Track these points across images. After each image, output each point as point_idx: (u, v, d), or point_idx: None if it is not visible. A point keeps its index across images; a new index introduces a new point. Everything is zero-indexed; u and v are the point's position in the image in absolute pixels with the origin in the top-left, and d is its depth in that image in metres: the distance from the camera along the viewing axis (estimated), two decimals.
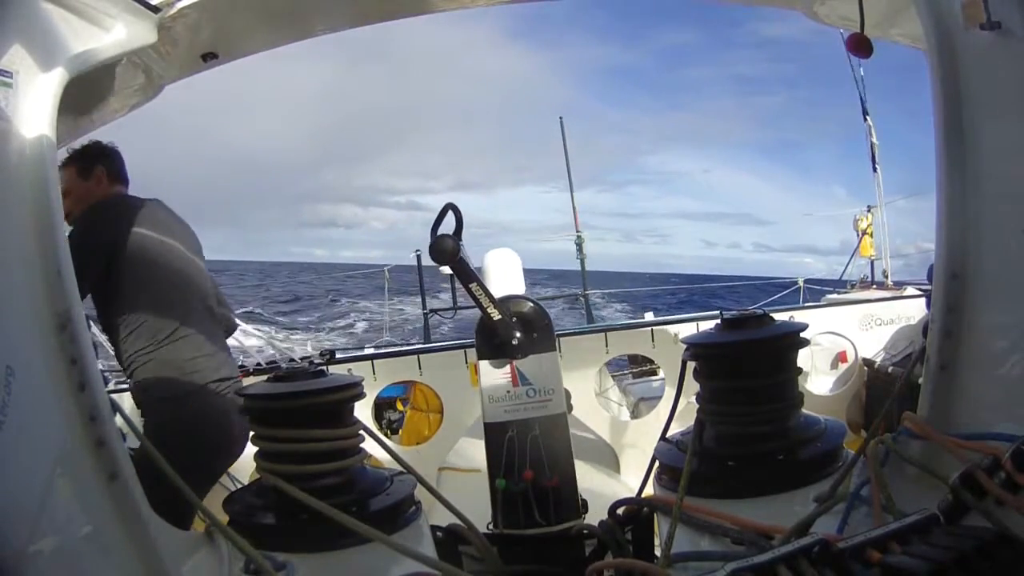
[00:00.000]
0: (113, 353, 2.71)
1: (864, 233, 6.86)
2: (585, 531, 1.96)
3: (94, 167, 2.51)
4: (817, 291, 7.15)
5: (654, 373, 5.75)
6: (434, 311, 6.94)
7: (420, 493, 1.83)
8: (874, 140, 6.40)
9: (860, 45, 1.83)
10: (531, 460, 1.99)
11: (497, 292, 2.07)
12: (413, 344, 6.98)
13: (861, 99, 6.29)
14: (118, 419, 1.54)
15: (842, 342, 4.65)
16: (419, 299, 7.08)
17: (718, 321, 1.89)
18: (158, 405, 2.36)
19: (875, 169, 6.49)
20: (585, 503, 2.08)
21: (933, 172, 1.49)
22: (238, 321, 3.02)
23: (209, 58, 2.17)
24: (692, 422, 1.86)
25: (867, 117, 6.32)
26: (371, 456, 1.89)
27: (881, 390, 4.21)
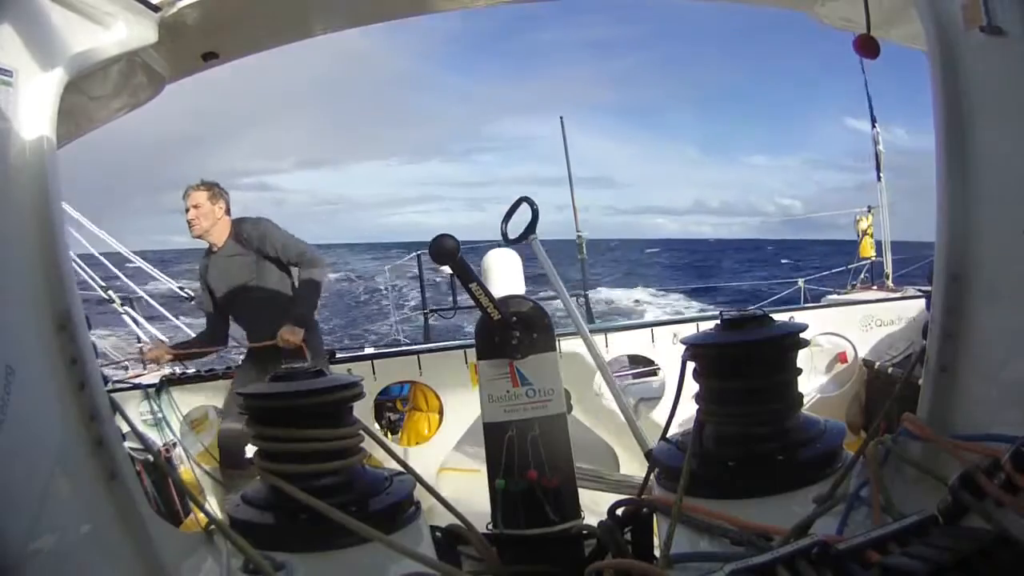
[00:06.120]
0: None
1: (864, 234, 6.86)
2: (585, 531, 1.96)
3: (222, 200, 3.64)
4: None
5: (654, 373, 5.75)
6: (434, 311, 6.94)
7: (420, 493, 1.83)
8: (880, 148, 6.42)
9: (867, 46, 1.82)
10: (531, 460, 1.99)
11: (497, 292, 2.06)
12: (413, 344, 7.00)
13: (869, 105, 6.30)
14: (118, 419, 1.54)
15: (842, 343, 4.66)
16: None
17: (718, 321, 1.89)
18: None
19: (879, 178, 6.50)
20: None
21: None
22: None
23: (209, 58, 2.18)
24: (692, 422, 1.86)
25: (875, 124, 6.33)
26: (371, 456, 1.89)
27: (881, 391, 4.22)
